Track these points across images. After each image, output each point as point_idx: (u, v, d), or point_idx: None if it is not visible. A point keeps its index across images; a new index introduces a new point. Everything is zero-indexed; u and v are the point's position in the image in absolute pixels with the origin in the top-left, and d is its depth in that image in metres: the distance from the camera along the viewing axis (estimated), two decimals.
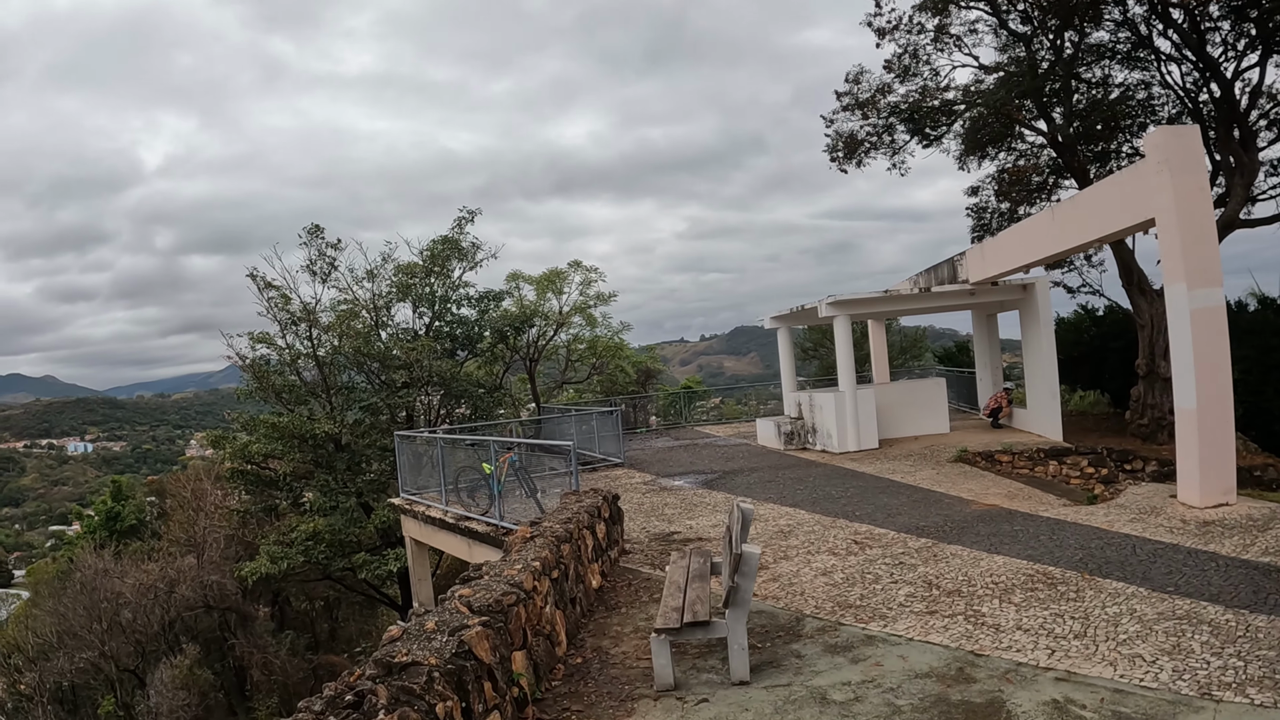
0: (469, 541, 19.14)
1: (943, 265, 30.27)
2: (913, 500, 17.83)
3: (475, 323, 41.47)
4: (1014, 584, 11.17)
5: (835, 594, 11.30)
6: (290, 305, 37.41)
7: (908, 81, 30.83)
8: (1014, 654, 8.68)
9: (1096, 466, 23.51)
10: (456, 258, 40.00)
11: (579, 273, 46.38)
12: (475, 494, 20.00)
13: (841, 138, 32.49)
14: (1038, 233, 22.91)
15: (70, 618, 40.63)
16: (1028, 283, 27.18)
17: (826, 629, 9.92)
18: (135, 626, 40.31)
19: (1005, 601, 10.48)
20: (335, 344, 37.93)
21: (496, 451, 18.30)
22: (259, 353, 38.02)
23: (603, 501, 14.11)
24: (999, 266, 25.69)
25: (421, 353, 36.54)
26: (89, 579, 41.81)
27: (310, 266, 38.09)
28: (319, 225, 38.28)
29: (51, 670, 39.98)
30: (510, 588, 8.18)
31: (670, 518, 17.98)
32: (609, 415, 30.53)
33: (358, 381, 39.98)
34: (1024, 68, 28.44)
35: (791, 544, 14.54)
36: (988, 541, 13.69)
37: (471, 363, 43.39)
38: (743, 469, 24.98)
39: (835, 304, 27.25)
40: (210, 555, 42.54)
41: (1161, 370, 25.02)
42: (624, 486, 23.04)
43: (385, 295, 39.84)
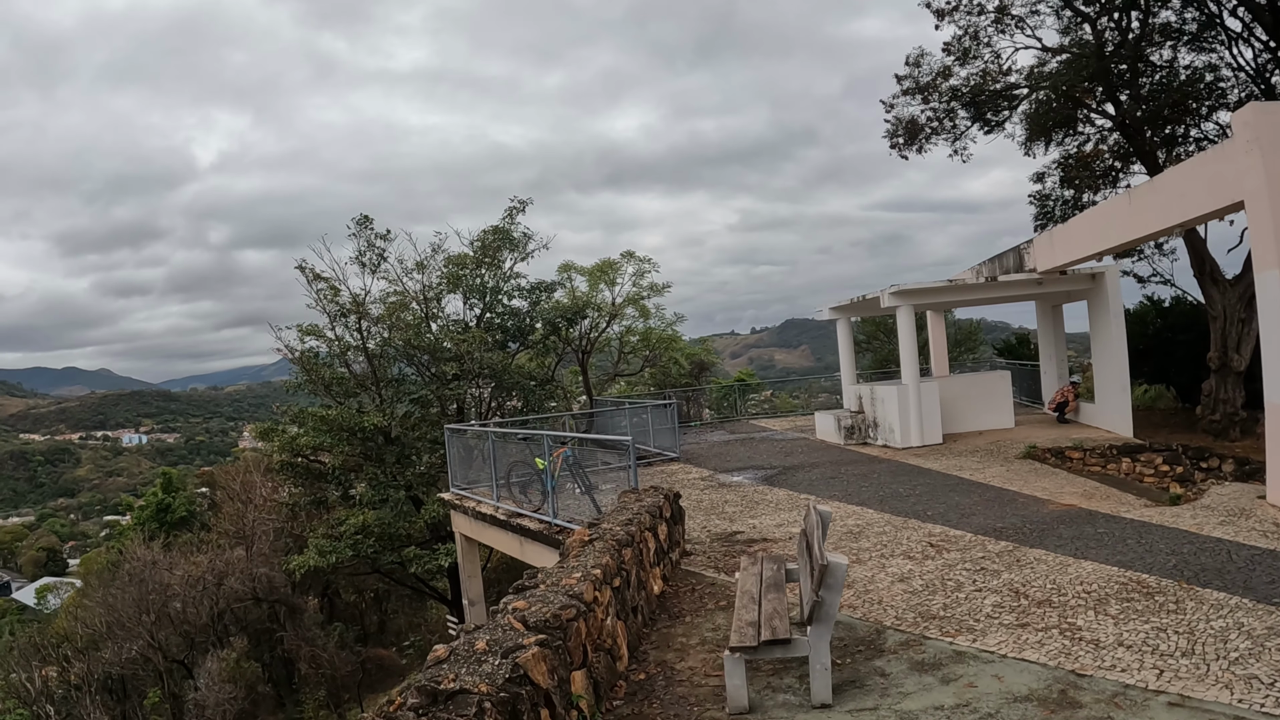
0: (520, 539, 18.55)
1: (1008, 254, 29.32)
2: (985, 499, 16.99)
3: (527, 314, 40.98)
4: (1108, 593, 10.36)
5: (916, 603, 10.49)
6: (339, 297, 37.24)
7: (968, 65, 29.94)
8: (1119, 674, 7.87)
9: (1171, 464, 22.54)
10: (507, 248, 39.48)
11: (632, 263, 45.77)
12: (527, 490, 19.31)
13: (902, 123, 31.60)
14: (1112, 218, 21.94)
15: (119, 608, 40.63)
16: (1097, 272, 26.23)
17: (911, 643, 9.13)
18: (184, 618, 40.46)
19: (1101, 613, 9.66)
20: (385, 336, 37.68)
21: (550, 446, 17.61)
22: (307, 345, 37.87)
23: (664, 500, 13.34)
24: (1069, 254, 24.71)
25: (472, 344, 36.05)
26: (137, 570, 41.84)
27: (359, 258, 37.86)
28: (368, 216, 37.95)
29: (100, 660, 40.00)
30: (569, 600, 7.48)
31: (732, 516, 17.22)
32: (664, 408, 29.84)
33: (408, 374, 39.64)
34: (1089, 49, 27.51)
35: (863, 546, 13.75)
36: (1072, 545, 12.85)
37: (523, 355, 42.91)
38: (803, 464, 24.19)
39: (898, 294, 26.39)
40: (259, 547, 42.73)
41: (1234, 364, 24.08)
42: (681, 482, 22.35)
43: (435, 287, 39.47)
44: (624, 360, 50.77)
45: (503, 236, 39.27)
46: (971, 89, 30.00)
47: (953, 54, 29.71)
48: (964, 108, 30.83)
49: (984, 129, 31.44)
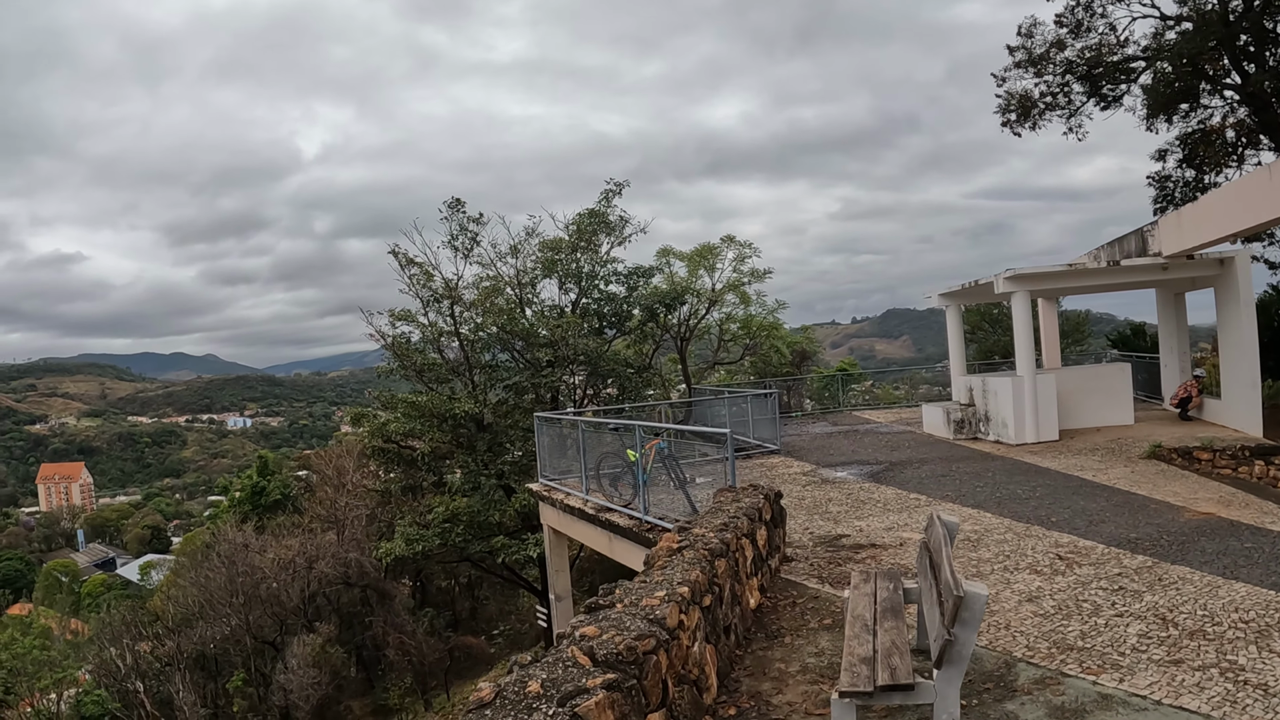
0: (609, 535, 17.55)
1: (1129, 237, 27.62)
2: (1113, 505, 15.47)
3: (624, 300, 40.01)
4: (1269, 624, 8.95)
5: (1049, 629, 9.12)
6: (432, 282, 36.77)
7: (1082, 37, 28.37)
8: None
9: None
10: (604, 232, 38.52)
11: (732, 248, 44.35)
12: (618, 483, 18.28)
13: (1014, 98, 30.13)
14: (1252, 195, 20.28)
15: (211, 589, 41.42)
16: (1226, 256, 24.44)
17: (1047, 681, 7.78)
18: (274, 600, 40.93)
19: (1266, 649, 8.26)
20: (478, 321, 36.94)
21: (642, 437, 16.54)
22: (399, 330, 37.42)
23: (764, 501, 12.05)
24: (1201, 236, 23.00)
25: (567, 330, 35.18)
26: (229, 552, 42.56)
27: (451, 242, 37.22)
28: (459, 199, 37.35)
29: (191, 639, 40.53)
30: (649, 627, 6.35)
31: (836, 517, 15.95)
32: (764, 398, 28.59)
33: (502, 360, 39.06)
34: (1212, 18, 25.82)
35: (983, 557, 12.37)
36: (1219, 562, 11.39)
37: (620, 341, 42.12)
38: (911, 460, 22.77)
39: (1014, 279, 24.82)
40: (351, 532, 43.20)
41: None
42: (781, 477, 21.08)
43: (530, 271, 38.70)
44: (724, 348, 49.66)
45: (599, 220, 38.29)
46: (1087, 61, 28.42)
47: (1065, 26, 28.21)
48: (1078, 81, 29.27)
49: (1100, 104, 29.87)
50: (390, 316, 37.31)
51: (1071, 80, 29.42)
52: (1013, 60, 29.60)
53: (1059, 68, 29.07)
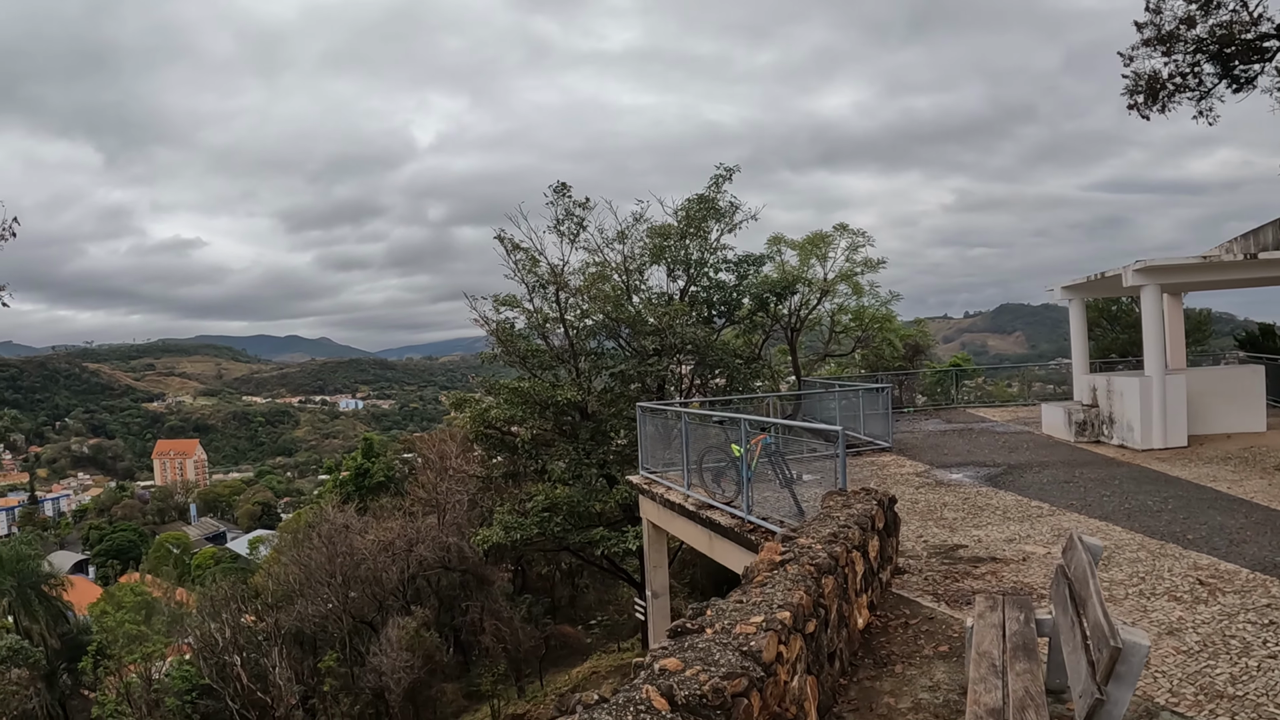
0: (710, 534, 16.77)
1: (1266, 229, 26.07)
2: (1254, 522, 14.06)
3: (733, 288, 39.07)
4: None
5: (1195, 671, 7.92)
6: (538, 268, 36.34)
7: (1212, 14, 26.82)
8: None
9: None
10: (714, 218, 37.61)
11: (845, 236, 42.89)
12: (721, 479, 17.45)
13: (1141, 78, 28.53)
14: None
15: (311, 567, 42.19)
16: None
17: None
18: (374, 580, 41.60)
19: None
20: (584, 308, 36.49)
21: (748, 431, 15.71)
22: (503, 316, 37.08)
23: (877, 508, 11.04)
24: None
25: (674, 318, 34.41)
26: (329, 532, 43.25)
27: (557, 227, 36.67)
28: (565, 183, 36.77)
29: (290, 615, 41.55)
30: (742, 661, 5.50)
31: (952, 524, 14.93)
32: (877, 392, 27.56)
33: (608, 348, 38.54)
34: None
35: (1115, 578, 11.11)
36: None
37: (729, 331, 41.26)
38: (1030, 463, 21.57)
39: (1145, 271, 23.33)
40: (452, 516, 43.36)
41: None
42: (893, 478, 20.14)
43: (637, 258, 37.96)
44: (835, 340, 48.48)
45: (708, 206, 37.36)
46: (1217, 39, 26.87)
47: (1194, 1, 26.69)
48: (1209, 61, 27.70)
49: (1232, 86, 28.23)
50: (494, 302, 36.94)
51: (1202, 60, 27.86)
52: (1140, 38, 28.01)
53: (1189, 45, 27.51)
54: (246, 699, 37.49)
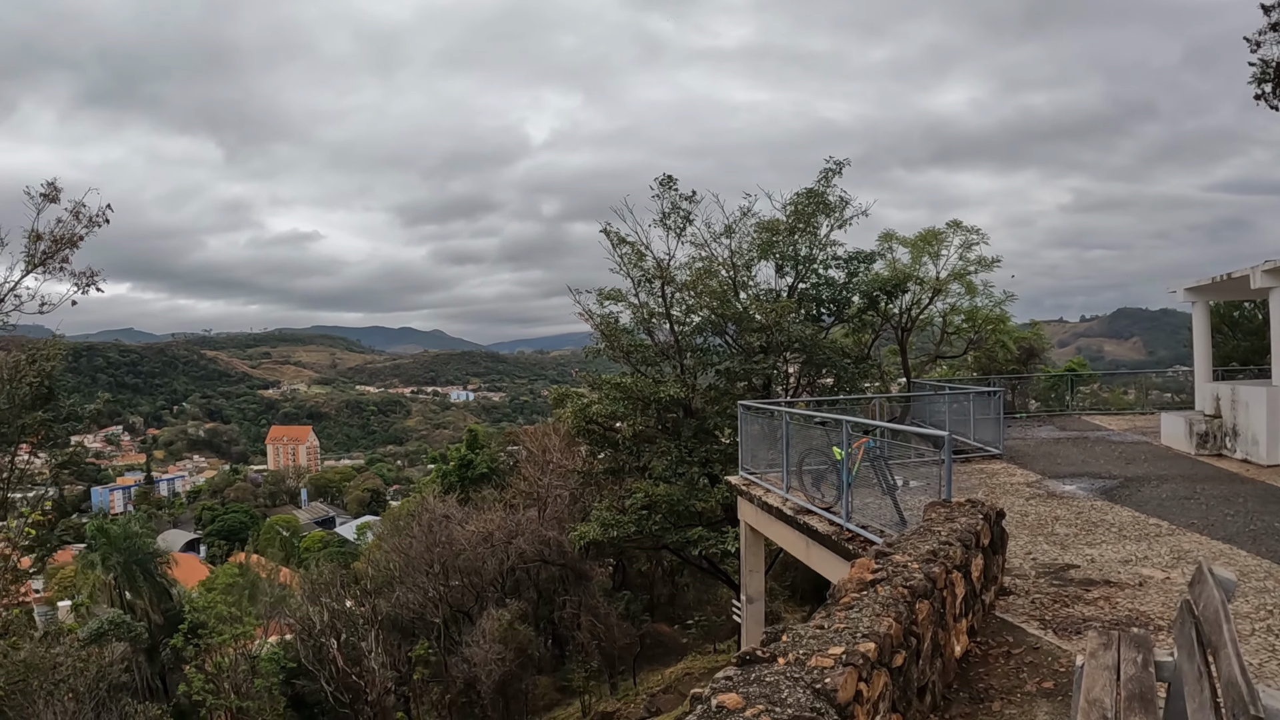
0: (807, 540, 16.07)
1: None
2: None
3: (843, 285, 38.20)
4: None
5: None
6: (643, 262, 35.95)
7: None
8: None
9: None
10: (823, 214, 36.75)
11: (958, 234, 41.92)
12: (821, 483, 16.71)
13: (1270, 65, 27.09)
14: None
15: (411, 555, 42.78)
16: None
17: None
18: (472, 571, 42.00)
19: None
20: (689, 303, 35.97)
21: (850, 434, 14.92)
22: (607, 310, 36.80)
23: (983, 522, 10.14)
24: None
25: (782, 315, 33.63)
26: (429, 522, 43.86)
27: (663, 220, 35.99)
28: (671, 176, 36.08)
29: (389, 601, 42.38)
30: (813, 702, 4.76)
31: (1063, 540, 13.94)
32: (989, 396, 26.48)
33: (713, 344, 37.95)
34: None
35: (1240, 610, 9.91)
36: None
37: (838, 329, 40.40)
38: (1148, 476, 20.35)
39: (1275, 271, 21.61)
40: (553, 511, 43.41)
41: None
42: (1002, 487, 19.21)
43: (745, 253, 37.28)
44: (946, 341, 47.31)
45: (817, 201, 36.51)
46: None
47: None
48: None
49: None
50: (598, 296, 36.58)
51: None
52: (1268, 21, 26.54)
53: None
54: (341, 682, 38.05)
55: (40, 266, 23.25)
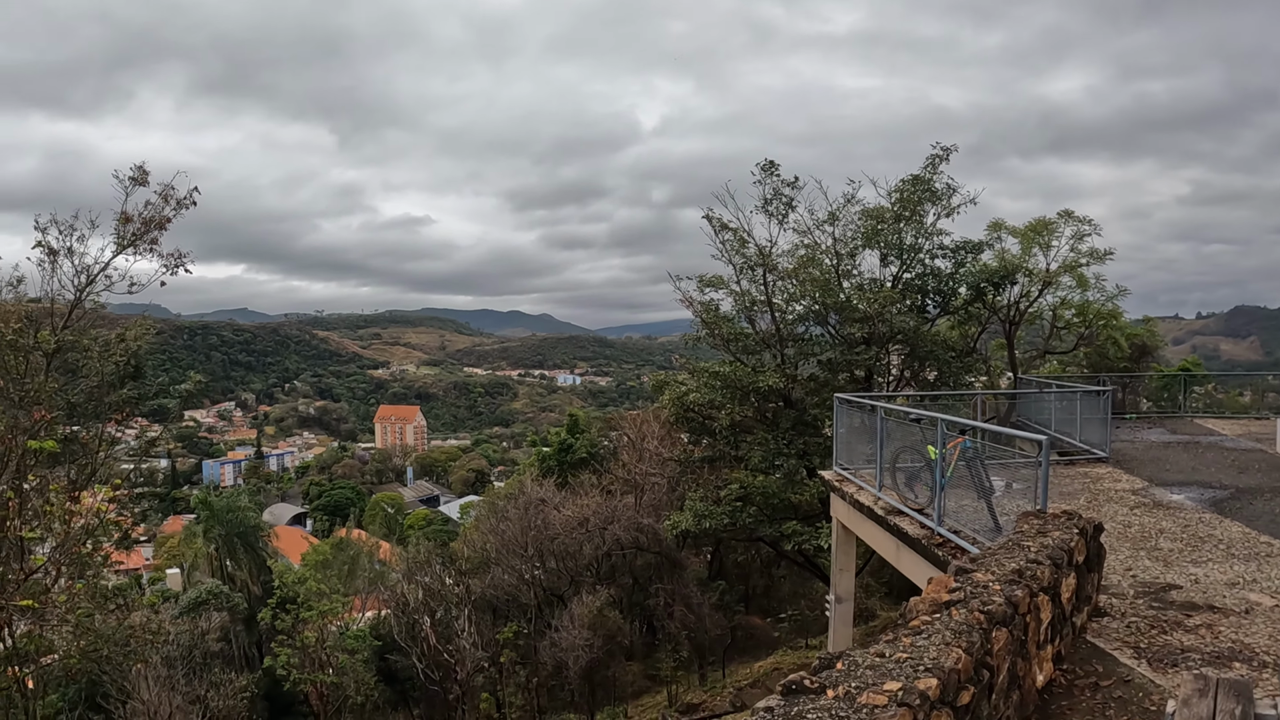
0: (896, 542, 15.56)
1: None
2: None
3: (949, 276, 37.17)
4: None
5: None
6: (745, 249, 35.42)
7: None
8: None
9: None
10: (929, 201, 35.78)
11: (1070, 224, 40.20)
12: (914, 483, 16.07)
13: None
14: None
15: (507, 537, 42.93)
16: None
17: None
18: (566, 555, 42.27)
19: None
20: (792, 291, 35.42)
21: (945, 433, 14.23)
22: (707, 297, 36.31)
23: (1078, 538, 9.36)
24: None
25: (886, 305, 32.81)
26: (525, 504, 44.01)
27: (765, 206, 35.34)
28: (773, 161, 35.26)
29: (484, 582, 42.88)
30: None
31: (1166, 557, 13.02)
32: (1097, 396, 25.42)
33: (815, 334, 37.33)
34: None
35: None
36: None
37: (943, 321, 39.43)
38: (1261, 488, 19.05)
39: None
40: (650, 498, 43.18)
41: None
42: (1105, 493, 18.24)
43: (849, 241, 36.40)
44: (1056, 336, 45.88)
45: (923, 188, 35.50)
46: None
47: None
48: None
49: None
50: (699, 282, 36.17)
51: None
52: None
53: None
54: (432, 659, 38.45)
55: (130, 247, 23.42)
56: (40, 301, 24.27)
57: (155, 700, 30.62)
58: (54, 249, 22.79)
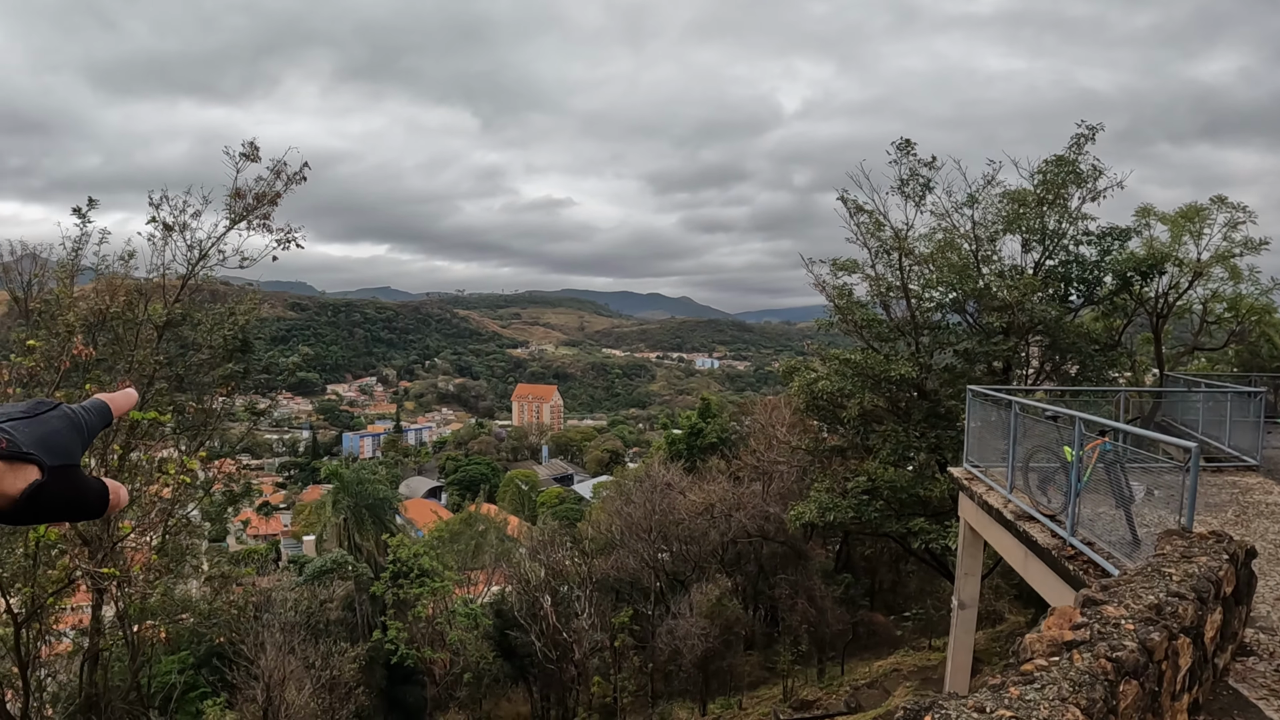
0: (1025, 550, 14.48)
1: None
2: None
3: (1094, 264, 35.38)
4: None
5: None
6: (881, 232, 34.43)
7: None
8: None
9: None
10: (1073, 183, 34.04)
11: (1223, 211, 37.75)
12: (1047, 486, 14.93)
13: None
14: None
15: (632, 521, 43.21)
16: None
17: None
18: (690, 540, 42.68)
19: None
20: (928, 277, 34.41)
21: (1083, 433, 13.09)
22: (841, 281, 35.34)
23: (1227, 565, 8.13)
24: None
25: (1025, 293, 31.36)
26: (651, 488, 44.21)
27: (901, 188, 34.20)
28: (909, 140, 34.11)
29: (607, 564, 43.61)
30: None
31: None
32: (1249, 397, 23.71)
33: (951, 322, 36.18)
34: None
35: None
36: None
37: (1087, 312, 37.64)
38: None
39: None
40: (778, 486, 42.86)
41: None
42: (1254, 508, 16.67)
43: (989, 225, 34.94)
44: (1206, 331, 43.65)
45: (1068, 169, 33.73)
46: None
47: None
48: None
49: None
50: (832, 266, 35.19)
51: None
52: None
53: None
54: (551, 638, 39.36)
55: (243, 221, 23.94)
56: (151, 277, 24.59)
57: (272, 664, 31.90)
58: (169, 225, 23.45)
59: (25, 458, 1.37)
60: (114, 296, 23.62)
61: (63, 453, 1.45)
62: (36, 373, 18.73)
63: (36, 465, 1.39)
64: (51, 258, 25.79)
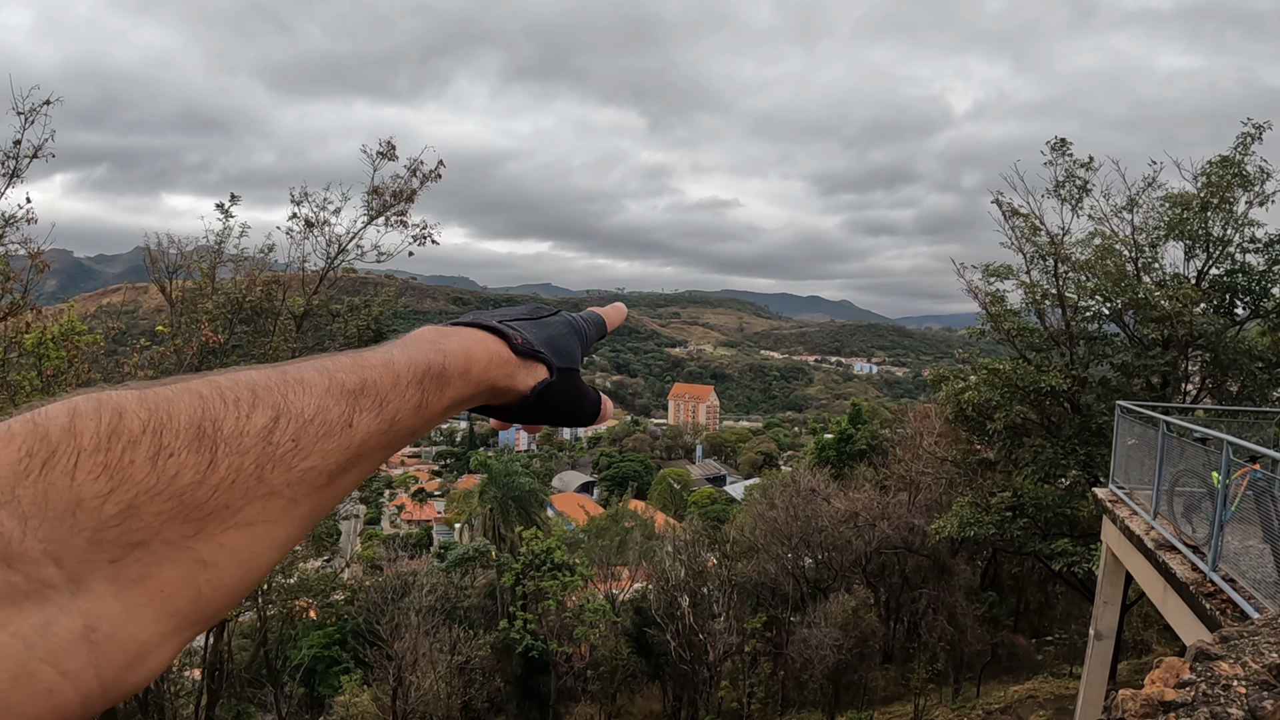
0: (1164, 583, 13.25)
1: None
2: None
3: (1262, 274, 33.28)
4: None
5: None
6: (1037, 236, 33.27)
7: None
8: None
9: None
10: (1240, 186, 32.01)
11: None
12: (1193, 514, 13.79)
13: None
14: None
15: (775, 525, 43.00)
16: None
17: None
18: (832, 548, 42.40)
19: None
20: (1086, 285, 32.69)
21: (1231, 458, 11.92)
22: (994, 288, 34.47)
23: None
24: None
25: (1186, 304, 29.73)
26: (795, 492, 43.84)
27: (1056, 190, 33.06)
28: (1064, 139, 32.92)
29: (748, 567, 43.71)
30: None
31: None
32: None
33: (1108, 333, 34.51)
34: None
35: None
36: None
37: (1253, 326, 35.58)
38: None
39: None
40: (926, 497, 41.96)
41: None
42: None
43: (1150, 230, 33.28)
44: None
45: (1234, 171, 31.64)
46: None
47: None
48: None
49: None
50: (984, 271, 34.22)
51: None
52: None
53: None
54: (686, 638, 39.27)
55: (380, 217, 24.83)
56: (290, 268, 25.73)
57: (406, 646, 34.47)
58: (310, 221, 24.49)
59: (537, 356, 1.34)
60: (250, 287, 24.26)
61: (566, 356, 1.43)
62: (167, 355, 18.89)
63: (545, 365, 1.35)
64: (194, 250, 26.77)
